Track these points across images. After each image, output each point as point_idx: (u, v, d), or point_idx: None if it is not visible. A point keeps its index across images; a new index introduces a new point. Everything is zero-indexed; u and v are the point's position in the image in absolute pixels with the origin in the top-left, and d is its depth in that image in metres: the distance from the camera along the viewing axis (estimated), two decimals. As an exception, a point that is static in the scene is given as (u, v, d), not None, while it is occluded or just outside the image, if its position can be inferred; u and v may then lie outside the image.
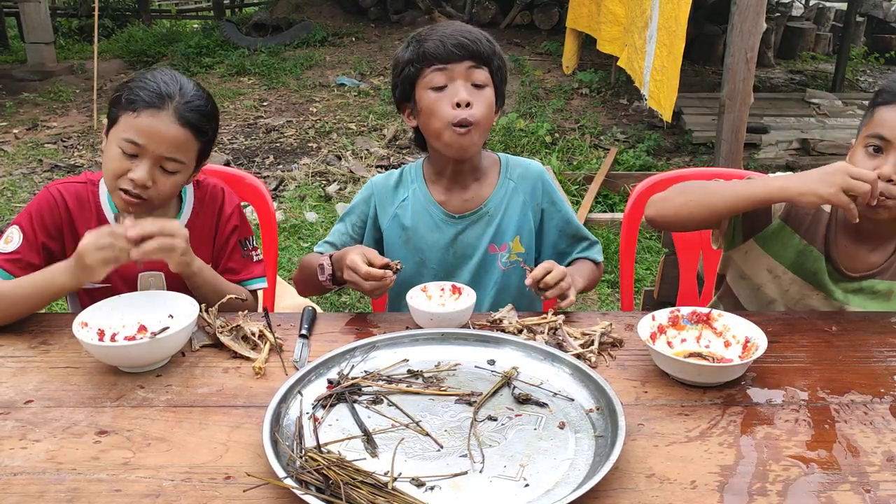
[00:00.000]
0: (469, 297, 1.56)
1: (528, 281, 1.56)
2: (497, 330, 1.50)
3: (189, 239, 1.52)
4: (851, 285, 1.67)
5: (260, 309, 1.84)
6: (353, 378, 1.32)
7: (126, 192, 1.54)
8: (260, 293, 1.87)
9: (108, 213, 1.68)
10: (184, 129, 1.55)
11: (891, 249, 1.65)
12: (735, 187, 1.54)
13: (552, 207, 1.85)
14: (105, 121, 1.62)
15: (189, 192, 1.75)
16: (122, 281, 1.69)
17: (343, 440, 1.17)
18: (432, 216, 1.80)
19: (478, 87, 1.67)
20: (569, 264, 1.83)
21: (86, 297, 1.70)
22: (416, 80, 1.68)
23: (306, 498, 0.99)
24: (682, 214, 1.61)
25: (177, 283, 1.72)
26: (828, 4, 11.53)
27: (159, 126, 1.52)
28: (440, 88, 1.65)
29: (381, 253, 1.75)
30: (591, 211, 4.75)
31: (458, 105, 1.63)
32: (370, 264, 1.53)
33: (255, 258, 1.81)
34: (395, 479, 1.06)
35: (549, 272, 1.55)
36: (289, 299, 2.79)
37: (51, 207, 1.66)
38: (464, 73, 1.65)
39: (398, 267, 1.55)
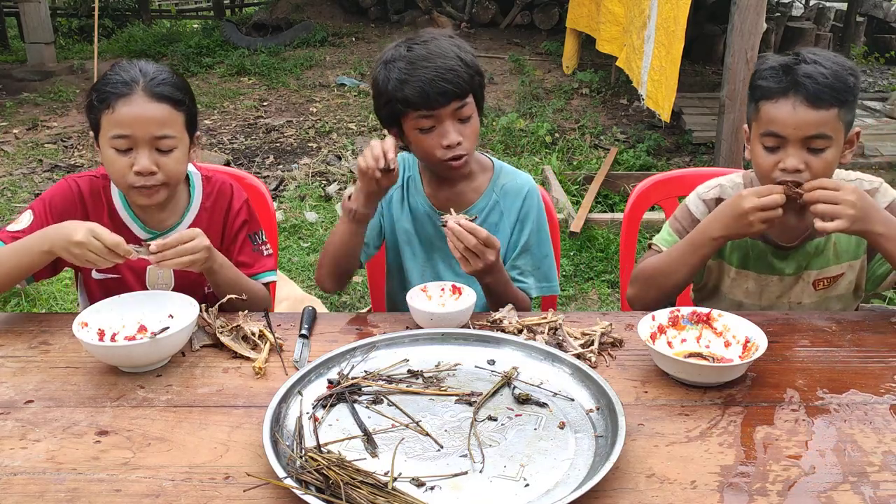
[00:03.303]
0: (469, 297, 1.56)
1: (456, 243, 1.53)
2: (497, 330, 1.50)
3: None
4: (799, 254, 1.74)
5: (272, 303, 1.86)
6: (353, 378, 1.32)
7: (139, 187, 1.56)
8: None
9: (119, 208, 1.71)
10: (160, 105, 1.56)
11: None
12: (688, 257, 1.66)
13: (530, 232, 1.83)
14: (91, 133, 1.63)
15: (198, 186, 1.77)
16: (130, 272, 1.71)
17: (343, 440, 1.17)
18: (421, 206, 1.84)
19: (463, 120, 1.68)
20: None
21: (96, 286, 1.72)
22: (400, 117, 1.68)
23: (306, 498, 0.99)
24: (662, 301, 1.72)
25: (184, 274, 1.73)
26: (828, 4, 11.50)
27: (137, 110, 1.54)
28: (429, 129, 1.66)
29: (383, 236, 1.89)
30: (591, 211, 4.75)
31: (450, 146, 1.66)
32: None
33: (265, 252, 1.83)
34: (395, 479, 1.06)
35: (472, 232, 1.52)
36: (286, 288, 2.83)
37: (65, 195, 1.68)
38: (451, 114, 1.65)
39: (393, 167, 1.56)
